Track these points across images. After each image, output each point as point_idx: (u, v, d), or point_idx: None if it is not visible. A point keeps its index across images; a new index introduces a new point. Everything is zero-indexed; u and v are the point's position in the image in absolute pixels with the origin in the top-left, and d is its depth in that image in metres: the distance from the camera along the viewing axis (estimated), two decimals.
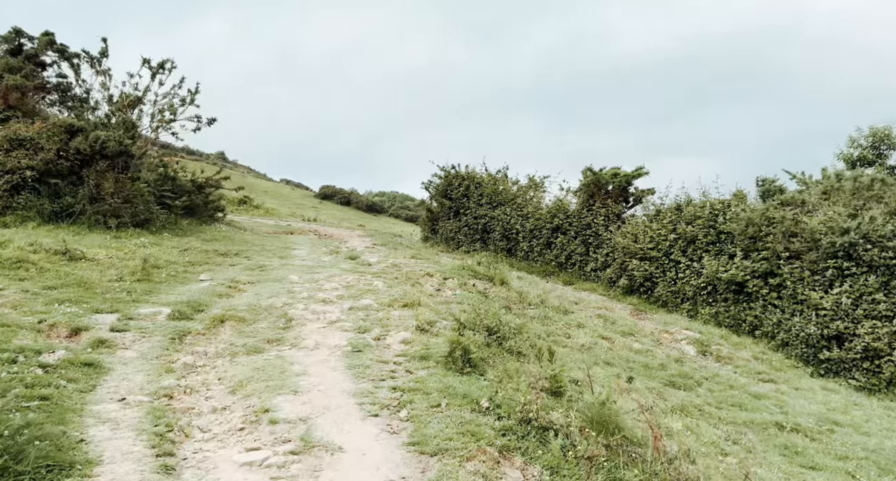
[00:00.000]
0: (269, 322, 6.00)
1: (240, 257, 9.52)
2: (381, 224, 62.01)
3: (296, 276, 8.08)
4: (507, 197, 15.62)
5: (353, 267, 9.04)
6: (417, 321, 6.23)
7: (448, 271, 9.27)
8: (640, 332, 8.80)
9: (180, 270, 7.81)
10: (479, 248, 15.34)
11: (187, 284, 7.23)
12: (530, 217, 14.27)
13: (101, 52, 12.70)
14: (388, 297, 7.11)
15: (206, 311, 6.09)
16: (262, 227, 16.57)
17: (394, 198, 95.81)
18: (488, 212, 15.45)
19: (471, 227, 15.82)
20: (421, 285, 8.17)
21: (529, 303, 8.56)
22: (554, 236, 13.54)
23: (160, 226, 10.95)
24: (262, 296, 6.85)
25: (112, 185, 10.16)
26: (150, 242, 9.22)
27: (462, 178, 16.90)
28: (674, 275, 10.92)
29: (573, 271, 12.92)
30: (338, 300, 6.94)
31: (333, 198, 78.60)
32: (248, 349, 5.18)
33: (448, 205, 16.83)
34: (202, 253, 9.26)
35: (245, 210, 28.11)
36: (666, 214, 11.57)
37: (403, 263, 9.73)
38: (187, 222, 12.27)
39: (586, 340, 7.54)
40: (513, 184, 16.97)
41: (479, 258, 10.83)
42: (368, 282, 7.88)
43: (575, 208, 13.48)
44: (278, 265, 8.97)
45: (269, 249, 10.69)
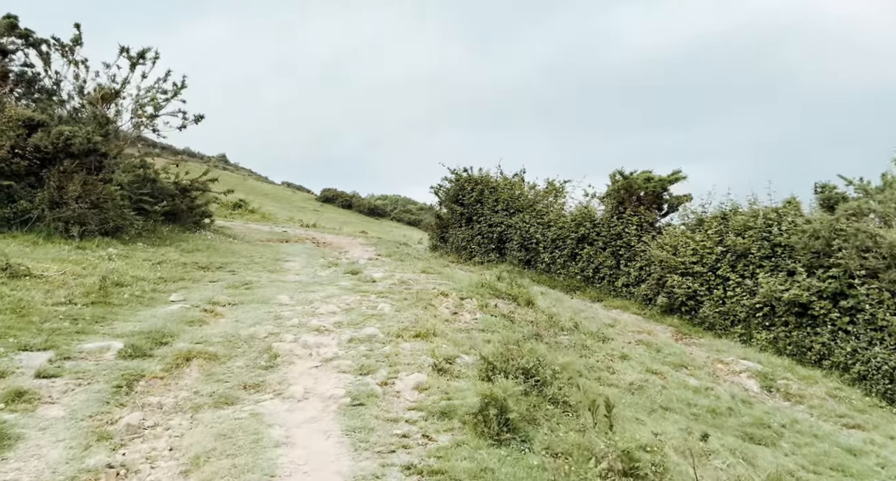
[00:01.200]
0: (248, 359, 4.92)
1: (223, 271, 8.45)
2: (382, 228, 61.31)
3: (286, 297, 7.00)
4: (525, 203, 14.54)
5: (354, 284, 7.96)
6: (434, 357, 5.14)
7: (465, 289, 8.18)
8: (692, 363, 7.67)
9: (148, 289, 6.74)
10: (495, 259, 14.25)
11: (153, 307, 6.16)
12: (552, 225, 13.17)
13: (74, 40, 11.70)
14: (396, 325, 6.02)
15: (170, 345, 5.01)
16: (255, 234, 15.52)
17: (396, 201, 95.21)
18: (504, 219, 14.35)
19: (485, 236, 14.72)
20: (435, 307, 7.08)
21: (562, 328, 7.45)
22: (579, 247, 12.43)
23: (135, 234, 9.91)
24: (243, 324, 5.77)
25: (78, 188, 9.13)
26: (118, 254, 8.17)
27: (475, 182, 15.84)
28: (721, 293, 9.78)
29: (602, 286, 11.80)
30: (335, 328, 5.84)
31: (335, 201, 77.92)
32: (216, 399, 4.09)
33: (460, 211, 15.76)
34: (179, 266, 8.19)
35: (240, 214, 27.10)
36: (710, 224, 10.44)
37: (413, 279, 8.64)
38: (168, 229, 11.23)
39: (635, 377, 6.42)
40: (530, 189, 15.94)
41: (499, 272, 9.73)
42: (372, 305, 6.79)
43: (603, 216, 12.37)
44: (267, 282, 7.89)
45: (259, 261, 9.63)
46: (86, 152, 9.28)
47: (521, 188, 15.76)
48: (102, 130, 10.49)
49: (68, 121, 9.98)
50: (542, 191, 15.81)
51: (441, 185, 17.18)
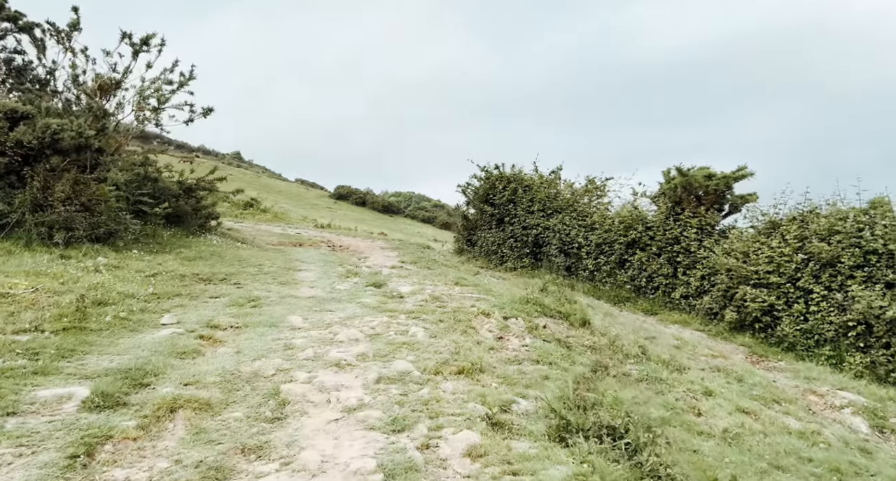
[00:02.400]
0: (249, 407, 3.94)
1: (227, 284, 7.52)
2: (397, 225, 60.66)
3: (299, 318, 6.03)
4: (564, 203, 13.44)
5: (379, 301, 6.96)
6: (486, 405, 4.12)
7: (508, 306, 7.14)
8: (783, 397, 6.52)
9: (136, 308, 5.82)
10: (529, 265, 13.18)
11: (139, 333, 5.22)
12: (597, 228, 12.06)
13: (72, 25, 10.90)
14: (433, 356, 5.01)
15: (152, 388, 4.06)
16: (266, 237, 14.65)
17: (409, 198, 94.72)
18: (541, 221, 13.27)
19: (518, 239, 13.65)
20: (476, 331, 6.05)
21: (627, 355, 6.37)
22: (629, 252, 11.30)
23: (131, 239, 9.04)
24: (246, 356, 4.80)
25: (67, 188, 8.28)
26: (107, 264, 7.28)
27: (507, 180, 14.78)
28: (803, 308, 8.59)
29: (655, 297, 10.65)
30: (359, 362, 4.84)
31: (349, 198, 77.50)
32: (204, 474, 3.11)
33: (490, 212, 14.71)
34: (176, 279, 7.28)
35: (251, 214, 26.36)
36: (788, 227, 9.25)
37: (446, 294, 7.62)
38: (170, 234, 10.36)
39: (727, 420, 5.31)
40: (566, 188, 14.85)
41: (542, 283, 8.66)
42: (402, 329, 5.78)
43: (657, 217, 11.22)
44: (277, 298, 6.94)
45: (269, 271, 8.69)
46: (77, 148, 8.43)
47: (558, 187, 14.68)
48: (99, 124, 9.66)
49: (60, 113, 9.14)
50: (580, 190, 14.74)
51: (469, 184, 16.18)
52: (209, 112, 11.51)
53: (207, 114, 11.53)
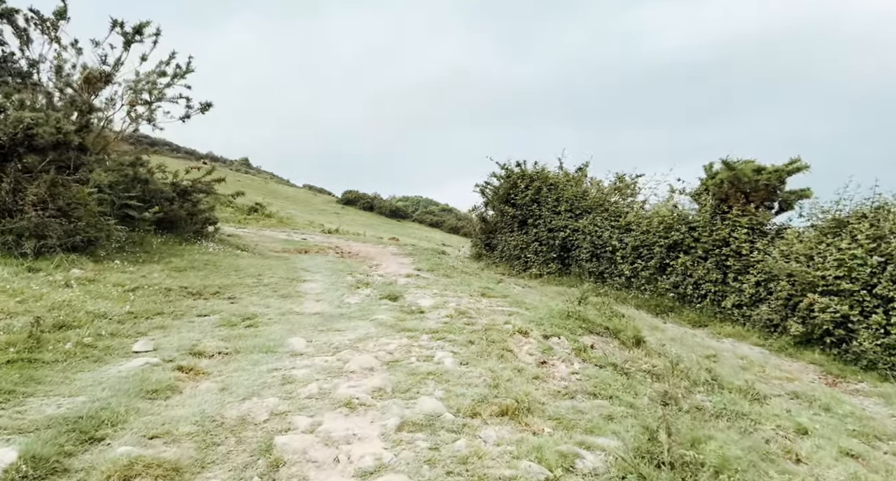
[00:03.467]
0: (230, 472, 3.00)
1: (219, 299, 6.61)
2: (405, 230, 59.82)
3: (301, 340, 5.10)
4: (593, 202, 12.45)
5: (395, 317, 6.01)
6: (543, 463, 3.16)
7: (546, 321, 6.17)
8: (884, 432, 5.48)
9: (105, 332, 4.91)
10: (556, 271, 12.18)
11: (104, 365, 4.30)
12: (632, 229, 11.05)
13: (58, 14, 10.11)
14: (467, 391, 4.05)
15: (106, 444, 3.14)
16: (269, 244, 13.76)
17: (417, 203, 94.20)
18: (569, 222, 12.27)
19: (544, 243, 12.67)
20: (514, 355, 5.08)
21: (694, 382, 5.36)
22: (671, 256, 10.27)
23: (115, 248, 8.17)
24: (233, 394, 3.87)
25: (43, 191, 7.42)
26: (81, 277, 6.40)
27: (530, 179, 13.81)
28: (883, 319, 7.54)
29: (703, 307, 9.61)
30: (375, 400, 3.89)
31: (356, 203, 77.02)
32: None
33: (511, 213, 13.73)
34: (160, 294, 6.37)
35: (255, 220, 25.56)
36: (858, 226, 8.19)
37: (472, 307, 6.65)
38: (161, 241, 9.49)
39: (836, 471, 4.29)
40: (593, 186, 13.86)
41: (582, 293, 7.68)
42: (426, 353, 4.82)
43: (701, 216, 10.19)
44: (276, 314, 6.01)
45: (269, 282, 7.77)
46: (54, 145, 7.59)
47: (583, 185, 13.70)
48: (83, 119, 8.82)
49: (38, 107, 8.31)
50: (608, 189, 13.75)
51: (488, 183, 15.23)
52: (207, 107, 10.66)
53: (206, 109, 10.68)
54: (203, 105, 10.45)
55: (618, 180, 13.84)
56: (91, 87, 9.68)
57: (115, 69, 9.75)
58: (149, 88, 9.62)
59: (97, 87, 9.72)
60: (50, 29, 10.16)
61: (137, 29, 10.29)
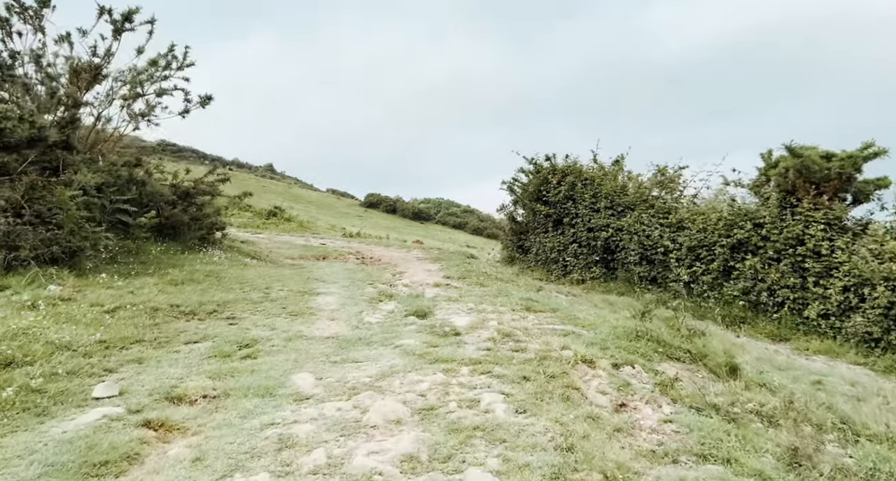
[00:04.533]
0: None
1: (216, 319, 5.59)
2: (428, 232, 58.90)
3: (309, 377, 4.04)
4: (636, 198, 11.24)
5: (426, 342, 4.91)
6: None
7: (611, 344, 5.02)
8: None
9: (63, 371, 3.90)
10: (601, 276, 10.98)
11: (48, 420, 3.29)
12: (686, 227, 9.82)
13: (41, 2, 9.25)
14: (532, 457, 2.94)
15: None
16: (285, 250, 12.80)
17: (439, 204, 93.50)
18: (611, 220, 11.07)
19: (583, 244, 11.48)
20: (582, 394, 3.94)
21: (819, 427, 4.16)
22: (736, 257, 9.02)
23: (106, 259, 7.24)
24: (208, 470, 2.81)
25: (18, 196, 6.50)
26: (53, 297, 5.43)
27: (562, 174, 12.64)
28: None
29: (781, 317, 8.34)
30: (406, 476, 2.79)
31: (379, 206, 76.56)
32: None
33: (544, 212, 12.57)
34: (145, 314, 5.38)
35: (274, 224, 24.72)
36: None
37: (518, 326, 5.52)
38: (160, 249, 8.55)
39: None
40: (631, 180, 12.63)
41: (645, 304, 6.51)
42: (470, 395, 3.71)
43: (769, 211, 8.92)
44: (281, 340, 4.96)
45: (278, 296, 6.75)
46: (29, 142, 6.67)
47: (618, 179, 12.49)
48: (68, 114, 7.92)
49: (9, 100, 7.43)
50: (648, 182, 12.53)
51: (515, 180, 14.09)
52: (207, 101, 9.72)
53: (206, 103, 9.75)
54: (203, 98, 9.52)
55: (659, 173, 12.59)
56: (79, 79, 8.77)
57: (106, 60, 8.84)
58: (142, 80, 8.70)
59: (85, 80, 8.82)
60: (32, 18, 9.30)
61: (126, 16, 9.37)
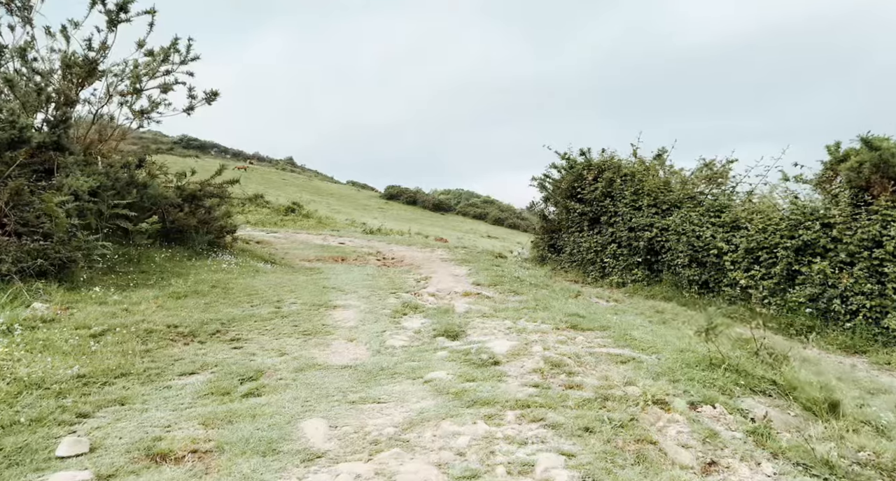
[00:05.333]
0: None
1: (219, 341, 4.93)
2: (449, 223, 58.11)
3: (322, 424, 3.33)
4: (682, 194, 10.36)
5: (460, 373, 4.17)
6: None
7: (680, 373, 4.24)
8: None
9: (25, 419, 3.27)
10: (644, 279, 10.14)
11: None
12: (743, 226, 8.92)
13: None
14: None
15: None
16: (302, 251, 12.17)
17: (459, 195, 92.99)
18: (655, 219, 10.21)
19: (623, 244, 10.63)
20: (661, 450, 3.17)
21: None
22: (801, 261, 8.11)
23: (103, 268, 6.65)
24: None
25: (1, 202, 5.92)
26: (33, 318, 4.82)
27: (598, 169, 11.79)
28: None
29: (855, 327, 7.43)
30: None
31: (399, 198, 76.17)
32: None
33: (579, 210, 11.74)
34: (137, 338, 4.73)
35: (292, 221, 24.20)
36: None
37: (567, 352, 4.75)
38: (165, 256, 7.94)
39: None
40: (673, 175, 11.74)
41: (709, 318, 5.69)
42: (521, 457, 2.96)
43: (839, 210, 7.98)
44: (291, 370, 4.27)
45: (290, 311, 6.08)
46: (9, 143, 6.07)
47: (659, 174, 11.60)
48: (60, 113, 7.34)
49: None
50: (693, 178, 11.63)
51: (547, 176, 13.26)
52: (213, 97, 9.09)
53: (211, 100, 9.12)
54: (209, 94, 8.87)
55: (705, 167, 11.66)
56: (72, 75, 8.19)
57: (102, 54, 8.23)
58: (139, 74, 8.09)
59: (80, 76, 8.22)
60: (19, 9, 8.73)
61: (121, 6, 8.73)
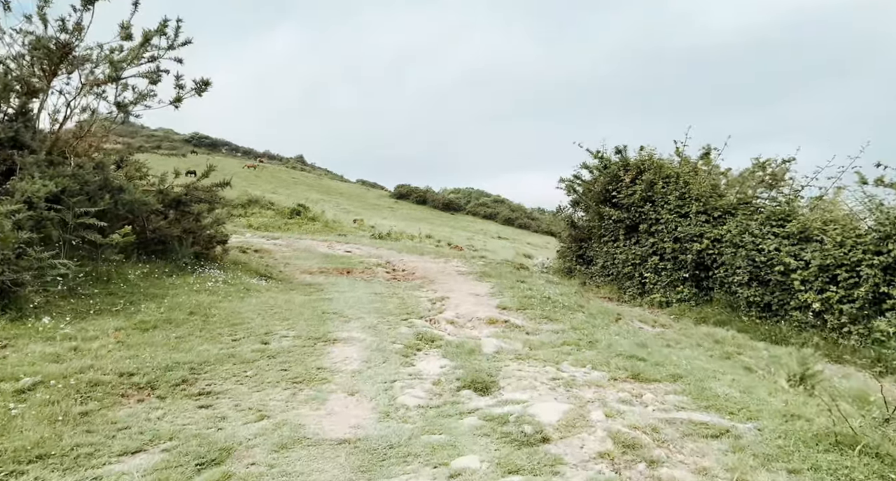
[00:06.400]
0: None
1: (183, 396, 3.86)
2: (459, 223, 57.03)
3: None
4: (737, 200, 9.20)
5: (498, 460, 3.05)
6: None
7: (798, 459, 3.11)
8: None
9: None
10: (691, 297, 8.96)
11: None
12: (815, 239, 7.72)
13: None
14: None
15: None
16: (304, 261, 11.12)
17: (469, 194, 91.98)
18: (705, 228, 9.03)
19: (666, 257, 9.46)
20: None
21: None
22: (891, 282, 6.91)
23: (63, 290, 5.61)
24: None
25: None
26: None
27: (637, 170, 10.63)
28: None
29: None
30: None
31: (409, 197, 75.27)
32: None
33: (614, 216, 10.58)
34: (77, 395, 3.68)
35: (297, 224, 23.18)
36: None
37: (637, 425, 3.63)
38: (141, 272, 6.91)
39: None
40: (717, 176, 10.59)
41: (802, 361, 4.55)
42: None
43: None
44: (268, 448, 3.19)
45: (279, 350, 5.00)
46: None
47: (704, 176, 10.43)
48: (20, 105, 6.34)
49: None
50: (740, 179, 10.49)
51: (577, 177, 12.12)
52: (204, 87, 8.03)
53: (202, 90, 8.06)
54: (198, 84, 7.82)
55: (757, 167, 10.46)
56: (41, 60, 7.18)
57: (77, 37, 7.21)
58: (114, 60, 7.07)
59: (52, 62, 7.21)
60: None
61: None
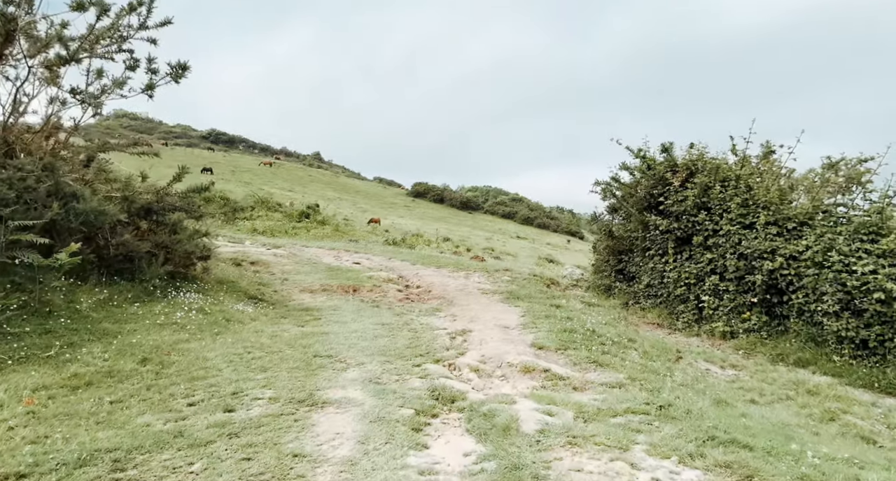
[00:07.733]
0: None
1: None
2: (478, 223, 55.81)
3: None
4: (813, 208, 7.82)
5: None
6: None
7: None
8: None
9: None
10: (761, 327, 7.57)
11: None
12: None
13: None
14: None
15: None
16: (305, 276, 9.88)
17: (486, 193, 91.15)
18: (777, 242, 7.63)
19: (727, 277, 8.06)
20: None
21: None
22: None
23: None
24: None
25: None
26: None
27: (688, 171, 9.24)
28: None
29: None
30: None
31: (426, 195, 74.39)
32: None
33: (662, 226, 9.19)
34: None
35: (305, 228, 21.97)
36: None
37: None
38: (98, 299, 5.69)
39: None
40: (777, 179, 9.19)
41: None
42: None
43: None
44: None
45: (245, 424, 3.73)
46: None
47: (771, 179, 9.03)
48: None
49: None
50: (809, 182, 9.15)
51: (615, 179, 10.75)
52: (181, 72, 6.81)
53: (179, 75, 6.85)
54: (174, 68, 6.61)
55: (828, 167, 9.05)
56: None
57: (25, 9, 6.04)
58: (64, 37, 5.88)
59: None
60: None
61: None
